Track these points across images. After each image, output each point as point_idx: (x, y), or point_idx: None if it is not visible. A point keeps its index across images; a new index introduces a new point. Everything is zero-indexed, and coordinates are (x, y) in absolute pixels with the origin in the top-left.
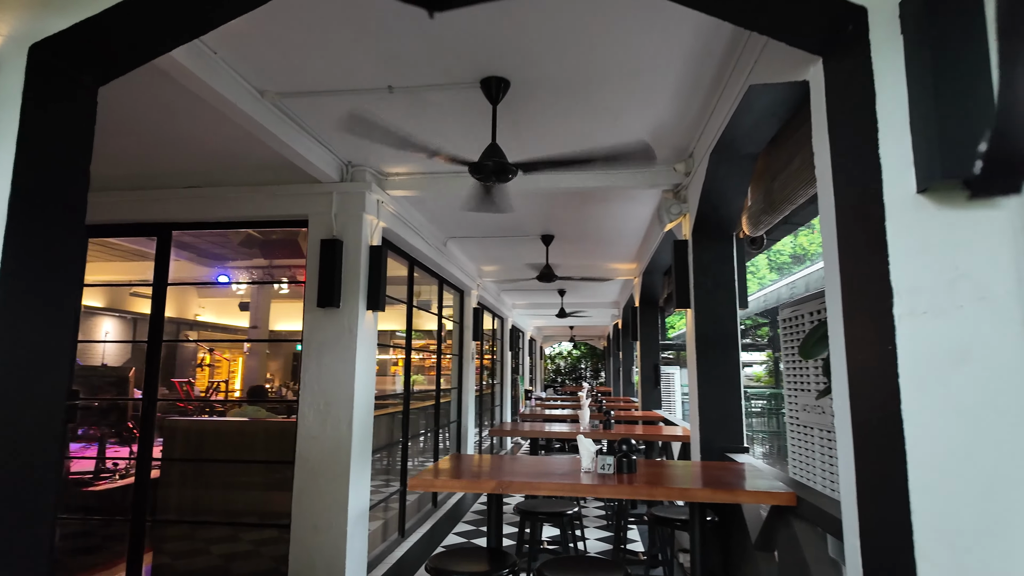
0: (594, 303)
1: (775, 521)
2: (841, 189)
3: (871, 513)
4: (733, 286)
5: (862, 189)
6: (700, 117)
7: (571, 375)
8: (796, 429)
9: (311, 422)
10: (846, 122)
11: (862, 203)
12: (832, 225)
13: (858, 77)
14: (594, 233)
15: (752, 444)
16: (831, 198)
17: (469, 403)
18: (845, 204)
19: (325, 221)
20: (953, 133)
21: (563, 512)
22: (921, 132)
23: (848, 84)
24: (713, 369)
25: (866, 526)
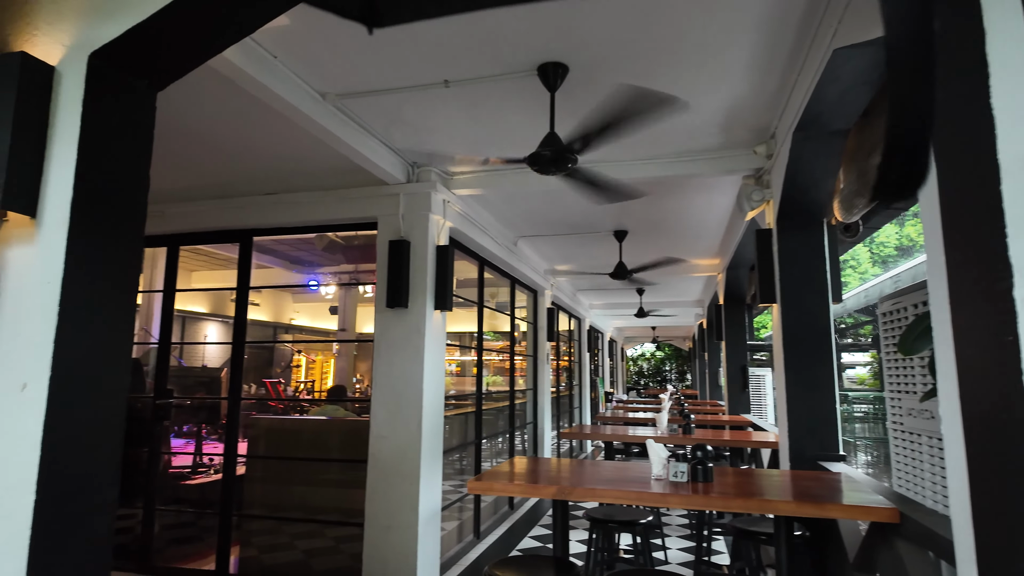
0: (675, 302)
1: (876, 540)
2: (944, 151)
3: (991, 536)
4: (824, 278)
5: (970, 148)
6: (780, 92)
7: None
8: (900, 436)
9: (382, 421)
10: (949, 72)
11: (971, 165)
12: (934, 195)
13: (962, 15)
14: (671, 227)
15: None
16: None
17: (545, 405)
18: (949, 168)
19: (393, 222)
20: None
21: (636, 521)
22: None
23: (950, 26)
24: (803, 370)
25: (985, 551)
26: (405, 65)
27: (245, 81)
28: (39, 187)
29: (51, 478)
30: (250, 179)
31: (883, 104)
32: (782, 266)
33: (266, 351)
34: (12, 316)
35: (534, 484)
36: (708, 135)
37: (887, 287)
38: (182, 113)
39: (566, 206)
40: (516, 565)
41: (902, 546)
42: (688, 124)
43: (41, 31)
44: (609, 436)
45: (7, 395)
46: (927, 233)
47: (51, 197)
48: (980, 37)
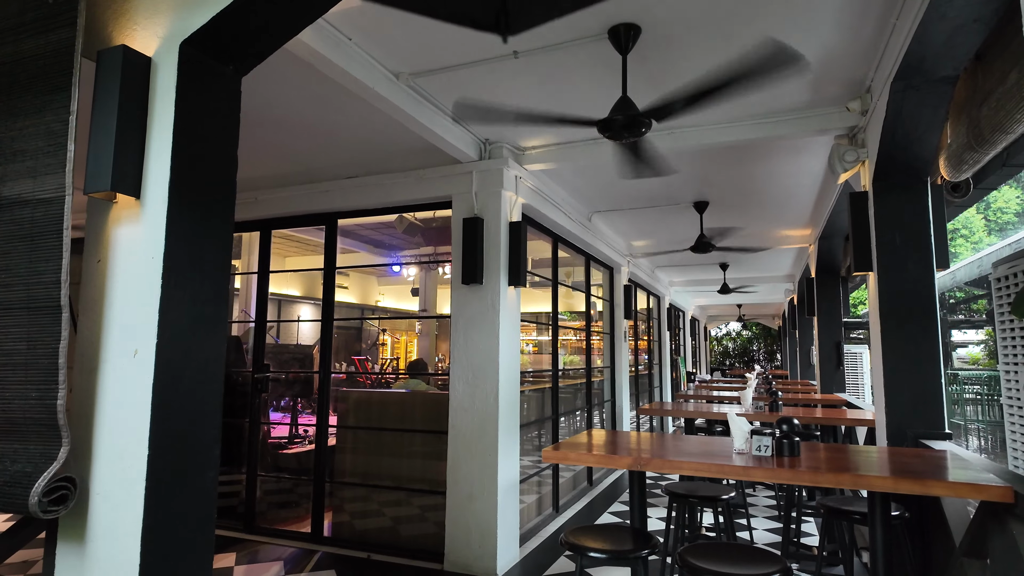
0: (763, 277)
1: (987, 522)
2: None
3: None
4: (929, 243)
5: None
6: (878, 38)
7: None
8: (1017, 412)
9: (461, 394)
10: None
11: None
12: None
13: None
14: (756, 195)
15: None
16: None
17: (623, 383)
18: None
19: (467, 200)
20: None
21: (719, 496)
22: None
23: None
24: (904, 342)
25: None
26: (474, 39)
27: (322, 64)
28: (142, 170)
29: (161, 435)
30: (333, 163)
31: (997, 45)
32: (879, 231)
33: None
34: (123, 289)
35: (609, 455)
36: (796, 92)
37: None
38: (269, 103)
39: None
40: (593, 533)
41: (1017, 528)
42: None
43: (140, 25)
44: (689, 413)
45: (122, 359)
46: None
47: (152, 179)
48: None
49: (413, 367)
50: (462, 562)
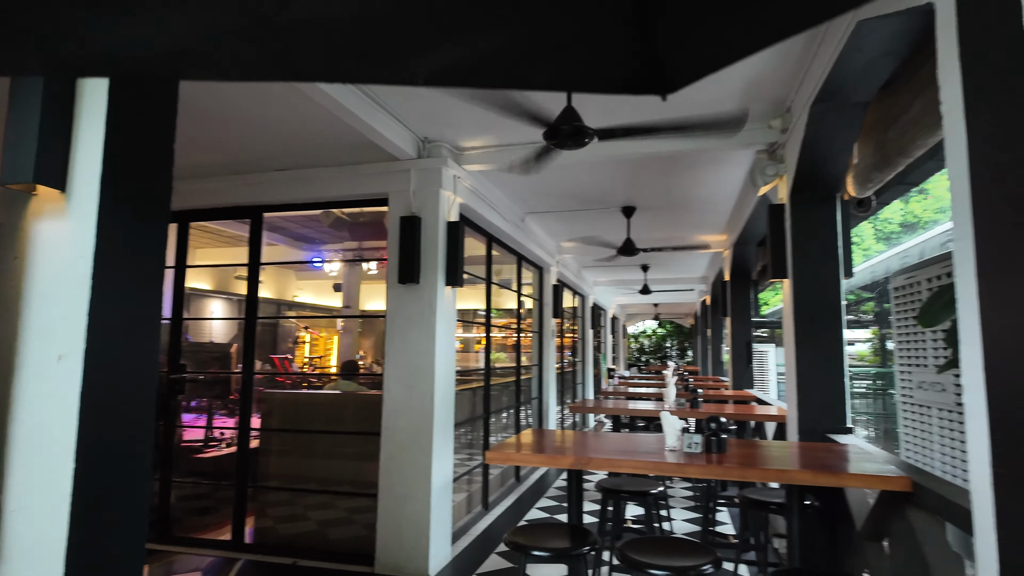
0: (680, 279)
1: (886, 509)
2: (976, 124)
3: (1012, 504)
4: (837, 253)
5: (1003, 120)
6: (800, 64)
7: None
8: (910, 408)
9: (396, 395)
10: (984, 41)
11: (1002, 136)
12: (964, 168)
13: None
14: (680, 202)
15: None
16: (962, 137)
17: (550, 380)
18: (980, 139)
19: (404, 198)
20: None
21: (647, 491)
22: None
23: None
24: (814, 344)
25: (1005, 518)
26: None
27: None
28: (68, 162)
29: (90, 446)
30: (263, 155)
31: (904, 75)
32: (794, 241)
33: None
34: (45, 289)
35: (551, 454)
36: (726, 108)
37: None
38: (195, 87)
39: (576, 181)
40: (533, 532)
41: (913, 514)
42: (708, 98)
43: None
44: (621, 410)
45: (45, 366)
46: (956, 208)
47: (80, 171)
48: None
49: (346, 369)
50: (393, 563)
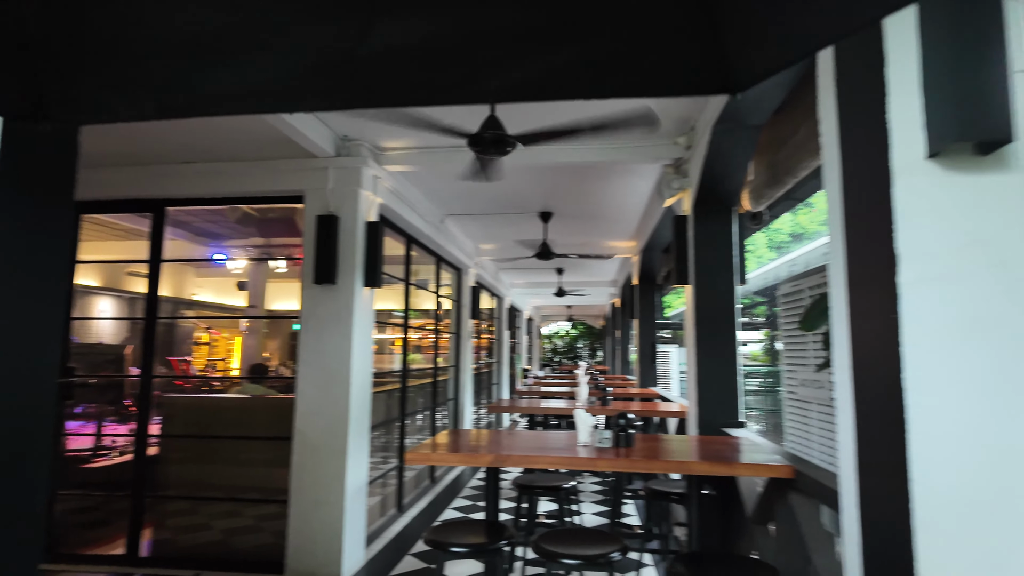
0: (592, 282)
1: (772, 494)
2: (847, 155)
3: (871, 484)
4: (732, 262)
5: (869, 154)
6: None
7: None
8: (794, 404)
9: (310, 398)
10: (854, 89)
11: (868, 169)
12: (837, 192)
13: (867, 37)
14: (593, 210)
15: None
16: (837, 164)
17: (467, 381)
18: (851, 170)
19: (321, 197)
20: (970, 93)
21: (560, 486)
22: (935, 94)
23: (857, 44)
24: (712, 346)
25: (865, 497)
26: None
27: None
28: None
29: None
30: (169, 146)
31: (792, 103)
32: (696, 250)
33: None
34: None
35: (471, 453)
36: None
37: (782, 271)
38: None
39: (496, 185)
40: (453, 529)
41: (794, 498)
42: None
43: None
44: (536, 409)
45: None
46: (831, 226)
47: None
48: (880, 63)
49: (254, 372)
50: (305, 570)
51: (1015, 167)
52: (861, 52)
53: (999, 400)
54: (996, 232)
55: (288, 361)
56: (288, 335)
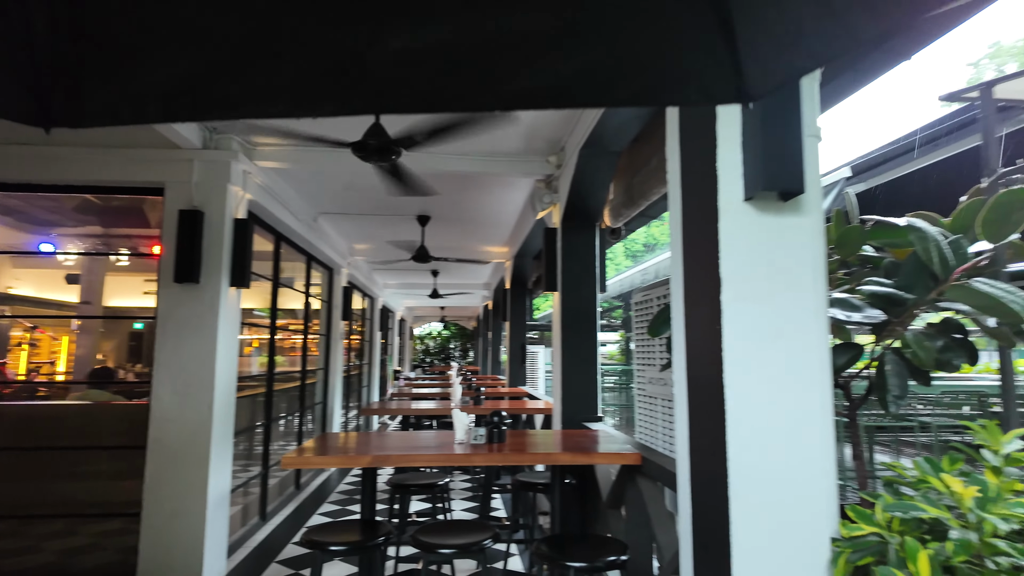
0: (467, 284)
1: (624, 480)
2: (687, 192)
3: (699, 465)
4: (595, 271)
5: (702, 194)
6: (573, 114)
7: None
8: (643, 399)
9: (168, 404)
10: (692, 138)
11: (702, 206)
12: (679, 224)
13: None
14: (470, 216)
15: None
16: (679, 200)
17: (336, 384)
18: (689, 207)
19: (185, 190)
20: (773, 154)
21: (434, 483)
22: (750, 151)
23: (696, 112)
24: (575, 347)
25: (695, 476)
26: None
27: None
28: None
29: None
30: None
31: (646, 135)
32: (564, 260)
33: None
34: None
35: (351, 455)
36: (512, 141)
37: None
38: None
39: (374, 186)
40: (331, 530)
41: (642, 482)
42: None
43: None
44: (412, 411)
45: None
46: (673, 252)
47: None
48: (712, 121)
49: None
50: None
51: (805, 212)
52: (699, 110)
53: (791, 392)
54: (791, 262)
55: (128, 364)
56: (128, 335)
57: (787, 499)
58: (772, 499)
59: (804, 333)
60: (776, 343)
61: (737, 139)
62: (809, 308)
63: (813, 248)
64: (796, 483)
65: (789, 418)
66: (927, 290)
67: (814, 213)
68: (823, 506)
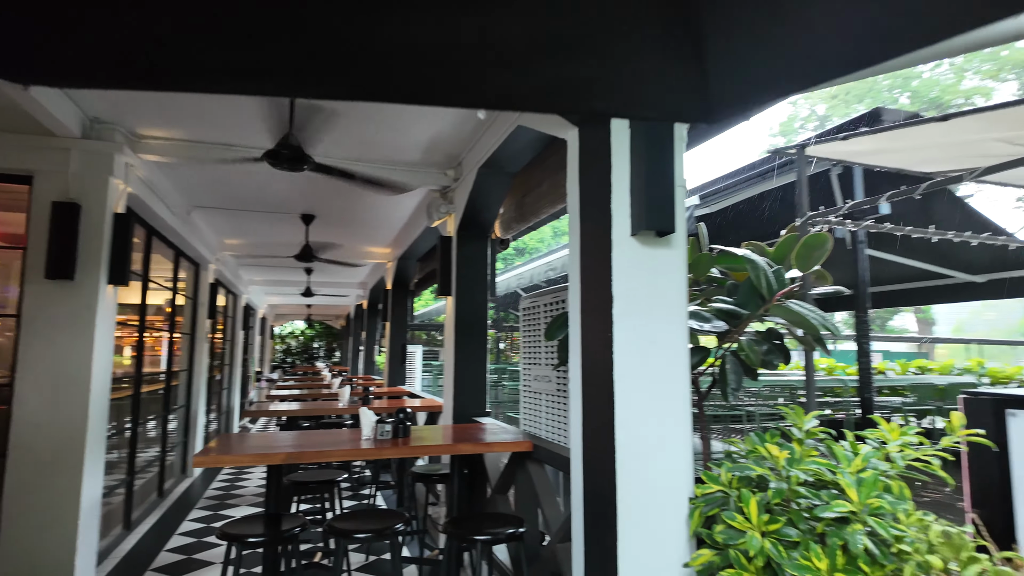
0: (342, 283)
1: (514, 466)
2: (585, 224)
3: (591, 445)
4: (486, 278)
5: (598, 227)
6: (473, 135)
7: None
8: (528, 394)
9: (34, 409)
10: (590, 179)
11: (597, 238)
12: (578, 250)
13: (601, 150)
14: (358, 217)
15: None
16: (578, 231)
17: (201, 386)
18: (586, 236)
19: (59, 181)
20: (650, 199)
21: (333, 480)
22: (634, 195)
23: (594, 153)
24: (467, 348)
25: (587, 454)
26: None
27: None
28: None
29: None
30: None
31: (539, 161)
32: (458, 268)
33: None
34: None
35: (263, 452)
36: (412, 153)
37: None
38: None
39: (258, 182)
40: (243, 524)
41: (531, 466)
42: (399, 142)
43: None
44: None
45: None
46: (571, 271)
47: None
48: (608, 169)
49: None
50: None
51: (675, 245)
52: (598, 157)
53: (662, 386)
54: (664, 284)
55: None
56: None
57: (658, 468)
58: (647, 469)
59: (672, 339)
60: (652, 348)
61: (627, 187)
62: (676, 320)
63: (679, 273)
64: (664, 456)
65: (661, 406)
66: (757, 307)
67: (680, 246)
68: (683, 473)
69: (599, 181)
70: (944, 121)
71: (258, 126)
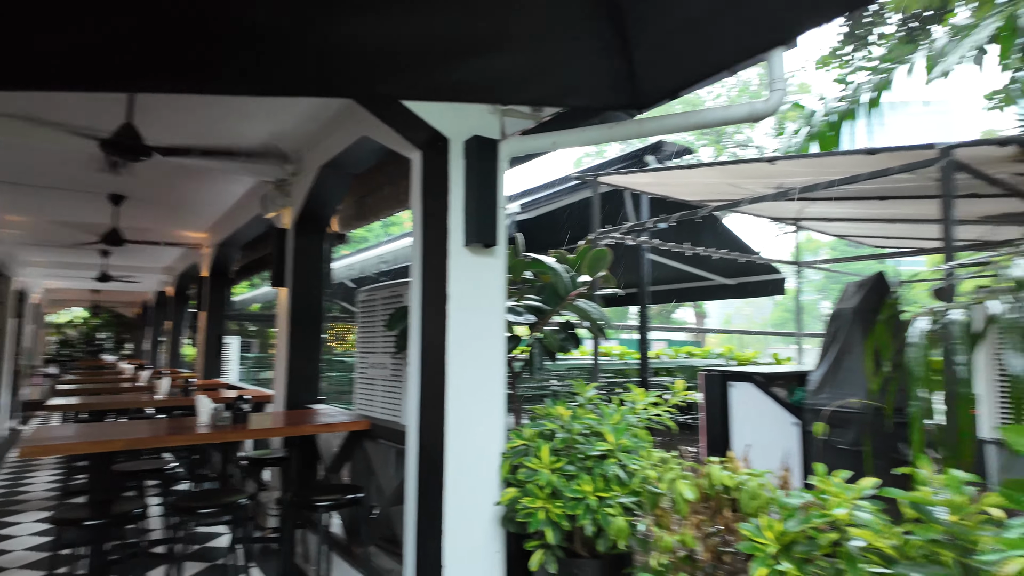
0: (144, 267)
1: (351, 445)
2: (426, 235)
3: (426, 424)
4: (321, 271)
5: (438, 239)
6: (317, 136)
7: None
8: (364, 380)
9: None
10: (432, 196)
11: (436, 246)
12: (420, 255)
13: (441, 172)
14: (175, 200)
15: None
16: (420, 239)
17: None
18: (428, 244)
19: None
20: (479, 218)
21: (162, 468)
22: (467, 215)
23: (435, 175)
24: (302, 338)
25: (423, 426)
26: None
27: None
28: None
29: None
30: None
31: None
32: (295, 260)
33: None
34: None
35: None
36: (252, 142)
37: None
38: None
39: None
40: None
41: (369, 444)
42: (241, 133)
43: None
44: (122, 403)
45: None
46: (414, 272)
47: None
48: (446, 192)
49: None
50: None
51: (497, 255)
52: (438, 180)
53: (485, 368)
54: (488, 285)
55: None
56: None
57: (479, 432)
58: (471, 433)
59: (494, 330)
60: (478, 337)
61: (461, 208)
62: (497, 314)
63: (500, 276)
64: (485, 422)
65: (483, 383)
66: (556, 304)
67: (502, 255)
68: (497, 434)
69: (439, 202)
70: (691, 169)
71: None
